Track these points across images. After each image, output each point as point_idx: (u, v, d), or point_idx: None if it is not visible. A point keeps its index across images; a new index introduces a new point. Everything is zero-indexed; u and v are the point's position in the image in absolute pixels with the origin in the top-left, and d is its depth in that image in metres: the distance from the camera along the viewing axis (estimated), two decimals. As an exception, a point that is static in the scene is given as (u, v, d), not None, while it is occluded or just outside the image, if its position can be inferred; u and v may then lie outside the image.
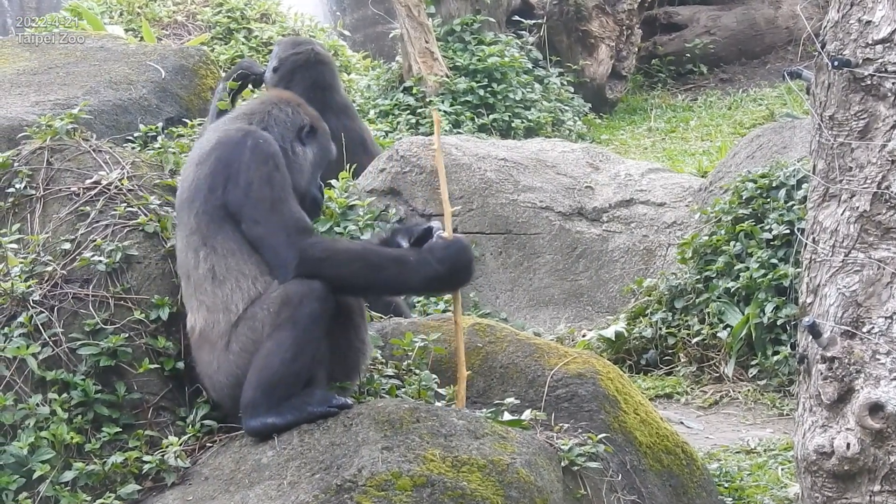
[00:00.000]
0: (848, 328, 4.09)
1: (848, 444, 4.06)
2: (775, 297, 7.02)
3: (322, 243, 4.49)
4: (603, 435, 4.69)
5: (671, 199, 8.47)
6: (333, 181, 7.60)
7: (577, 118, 12.15)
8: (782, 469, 5.96)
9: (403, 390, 4.83)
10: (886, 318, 4.05)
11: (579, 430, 4.73)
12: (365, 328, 4.68)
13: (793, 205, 7.26)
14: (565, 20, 12.90)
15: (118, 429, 4.53)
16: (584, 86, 12.83)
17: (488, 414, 4.69)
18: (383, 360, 4.97)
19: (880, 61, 4.08)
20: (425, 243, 4.56)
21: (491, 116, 11.30)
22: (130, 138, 7.19)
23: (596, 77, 12.97)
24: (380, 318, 5.37)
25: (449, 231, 4.62)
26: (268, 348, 4.38)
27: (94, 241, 4.82)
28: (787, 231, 7.13)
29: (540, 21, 12.77)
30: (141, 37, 10.94)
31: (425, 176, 8.14)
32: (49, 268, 4.77)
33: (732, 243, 7.33)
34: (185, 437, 4.50)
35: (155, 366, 4.64)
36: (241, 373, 4.46)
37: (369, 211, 8.02)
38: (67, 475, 4.38)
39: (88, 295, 4.72)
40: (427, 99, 11.17)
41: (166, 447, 4.42)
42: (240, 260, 4.51)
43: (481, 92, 11.38)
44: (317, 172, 4.85)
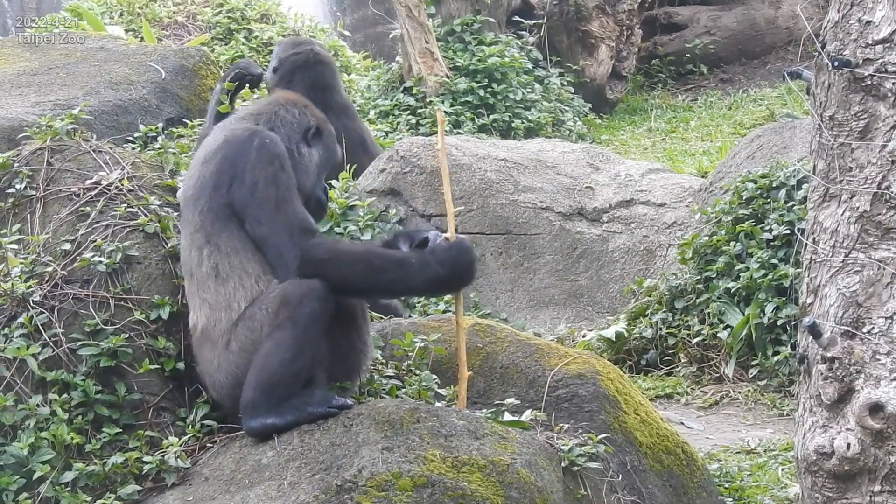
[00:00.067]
0: (848, 328, 4.09)
1: (848, 445, 4.06)
2: (775, 298, 7.02)
3: (325, 244, 4.49)
4: (603, 435, 4.69)
5: (671, 200, 8.47)
6: (334, 182, 7.61)
7: (578, 118, 12.15)
8: (782, 469, 5.96)
9: (404, 391, 4.83)
10: (886, 319, 4.05)
11: (579, 431, 4.73)
12: (367, 329, 4.69)
13: (793, 205, 7.26)
14: (565, 20, 12.90)
15: (118, 429, 4.53)
16: (585, 86, 12.83)
17: (488, 414, 4.69)
18: (384, 361, 4.97)
19: (880, 61, 4.07)
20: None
21: (491, 117, 11.30)
22: (131, 139, 7.19)
23: (596, 77, 12.96)
24: (380, 319, 5.37)
25: (451, 232, 4.61)
26: (267, 349, 4.38)
27: (95, 242, 4.82)
28: (788, 231, 7.13)
29: (540, 21, 12.77)
30: (141, 37, 10.93)
31: (426, 176, 8.14)
32: (49, 268, 4.77)
33: (733, 243, 7.33)
34: (186, 438, 4.50)
35: (155, 366, 4.64)
36: (241, 372, 4.46)
37: (369, 211, 8.02)
38: (68, 476, 4.38)
39: (89, 295, 4.72)
40: (427, 99, 11.16)
41: (166, 448, 4.42)
42: (243, 258, 4.51)
43: (481, 92, 11.37)
44: (322, 174, 4.86)
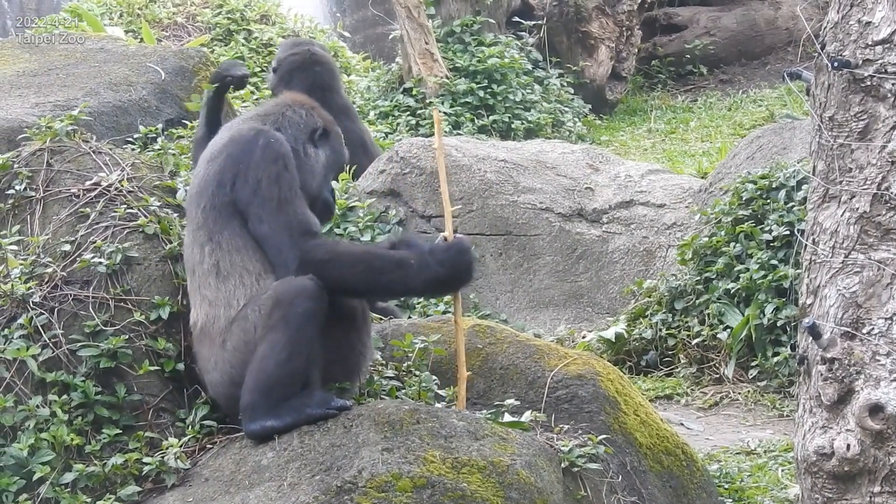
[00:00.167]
0: (848, 329, 4.09)
1: (848, 446, 4.06)
2: (775, 299, 7.02)
3: (325, 245, 4.49)
4: (603, 436, 4.69)
5: (671, 201, 8.47)
6: (333, 183, 7.60)
7: (577, 119, 12.15)
8: (782, 470, 5.96)
9: (403, 391, 4.83)
10: (886, 320, 4.05)
11: (579, 432, 4.73)
12: (367, 331, 4.68)
13: (793, 206, 7.26)
14: (565, 21, 12.90)
15: (118, 430, 4.53)
16: (584, 87, 12.83)
17: (488, 415, 4.69)
18: (383, 362, 4.97)
19: (880, 62, 4.07)
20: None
21: (491, 118, 11.30)
22: (130, 140, 7.19)
23: (596, 78, 12.97)
24: (379, 320, 5.37)
25: (449, 232, 4.61)
26: (262, 351, 4.38)
27: (94, 243, 4.81)
28: (787, 232, 7.13)
29: (540, 22, 12.77)
30: (141, 38, 10.93)
31: (425, 177, 8.14)
32: (49, 269, 4.77)
33: (732, 244, 7.33)
34: (186, 439, 4.50)
35: (155, 367, 4.63)
36: (235, 372, 4.46)
37: (369, 212, 8.03)
38: (67, 477, 4.38)
39: (88, 296, 4.72)
40: (427, 100, 11.16)
41: (166, 449, 4.42)
42: (244, 256, 4.51)
43: (481, 93, 11.37)
44: (329, 175, 4.86)
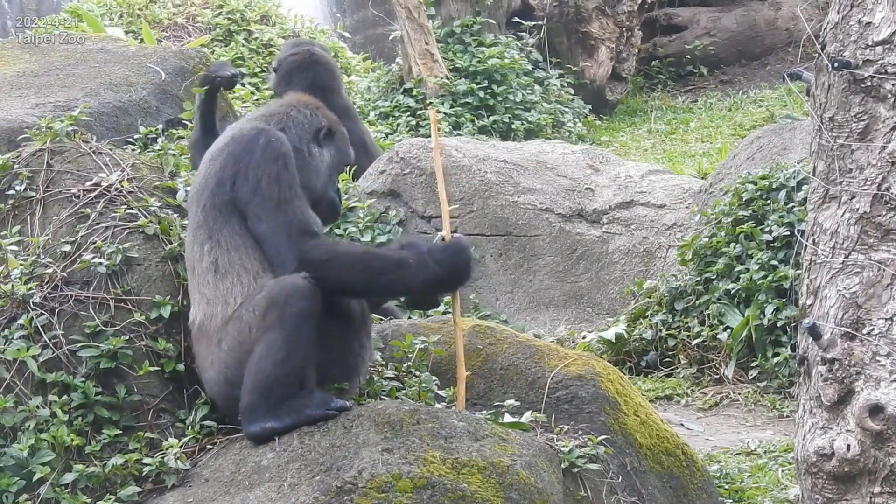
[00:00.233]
0: (848, 330, 4.09)
1: (848, 446, 4.06)
2: (775, 299, 7.02)
3: (323, 246, 4.49)
4: (603, 437, 4.69)
5: (671, 201, 8.47)
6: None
7: (578, 120, 12.16)
8: (782, 471, 5.96)
9: (403, 392, 4.83)
10: (886, 320, 4.05)
11: (579, 432, 4.73)
12: (366, 331, 4.67)
13: (793, 206, 7.26)
14: (565, 22, 12.90)
15: (118, 431, 4.53)
16: (584, 87, 12.83)
17: (488, 416, 4.69)
18: (383, 362, 4.97)
19: (880, 63, 4.07)
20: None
21: (491, 118, 11.30)
22: (130, 140, 7.19)
23: (596, 79, 12.97)
24: (379, 320, 5.37)
25: (447, 231, 4.62)
26: (259, 352, 4.37)
27: (95, 243, 4.81)
28: (788, 233, 7.13)
29: (540, 23, 12.77)
30: (141, 39, 10.94)
31: (425, 178, 8.14)
32: (49, 270, 4.77)
33: (732, 245, 7.33)
34: (186, 439, 4.50)
35: (155, 368, 4.63)
36: (230, 371, 4.46)
37: (369, 213, 8.03)
38: (68, 477, 4.38)
39: (89, 297, 4.71)
40: (427, 101, 11.16)
41: (166, 449, 4.42)
42: (243, 255, 4.51)
43: (481, 94, 11.37)
44: (334, 175, 4.85)
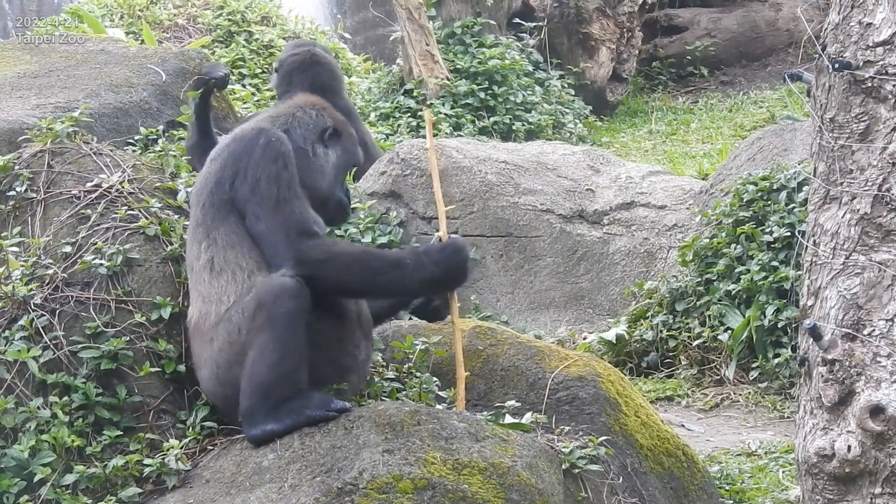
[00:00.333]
0: (849, 331, 4.09)
1: (849, 447, 4.06)
2: (776, 300, 7.02)
3: (321, 246, 4.48)
4: (604, 437, 4.69)
5: (672, 202, 8.47)
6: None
7: (578, 121, 12.15)
8: (783, 471, 5.96)
9: (404, 393, 4.83)
10: (887, 321, 4.05)
11: (580, 433, 4.73)
12: (363, 332, 4.64)
13: (793, 207, 7.26)
14: (566, 22, 12.90)
15: (119, 432, 4.53)
16: (585, 88, 12.83)
17: (489, 416, 4.69)
18: (384, 363, 4.97)
19: (881, 63, 4.08)
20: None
21: (492, 119, 11.30)
22: (131, 141, 7.19)
23: (596, 79, 12.97)
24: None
25: (444, 231, 4.63)
26: (253, 355, 4.37)
27: (95, 245, 4.82)
28: (788, 233, 7.13)
29: (540, 23, 12.77)
30: (142, 40, 10.93)
31: (426, 179, 8.14)
32: (50, 271, 4.77)
33: (733, 246, 7.33)
34: (186, 440, 4.50)
35: (156, 369, 4.63)
36: (221, 371, 4.47)
37: (370, 214, 8.03)
38: (68, 478, 4.38)
39: (89, 298, 4.72)
40: (427, 101, 11.16)
41: (167, 450, 4.42)
42: (239, 253, 4.51)
43: (482, 94, 11.37)
44: (341, 176, 4.84)
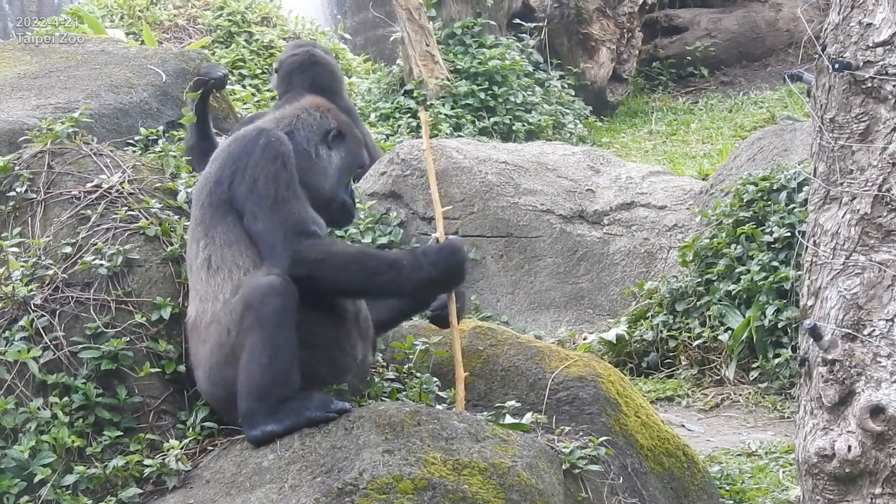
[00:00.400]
0: (849, 331, 4.09)
1: (849, 447, 4.06)
2: (776, 300, 7.02)
3: (318, 245, 4.48)
4: (604, 438, 4.69)
5: (672, 202, 8.47)
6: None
7: (578, 121, 12.15)
8: (783, 472, 5.96)
9: (404, 393, 4.83)
10: (887, 321, 4.05)
11: (580, 433, 4.73)
12: (360, 332, 4.63)
13: (794, 207, 7.26)
14: (566, 23, 12.90)
15: (119, 432, 4.53)
16: (585, 89, 12.83)
17: (489, 417, 4.69)
18: (384, 364, 4.97)
19: (881, 64, 4.08)
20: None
21: (492, 119, 11.30)
22: (131, 142, 7.20)
23: (597, 80, 12.97)
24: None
25: (441, 232, 4.63)
26: (245, 358, 4.36)
27: (95, 245, 4.82)
28: (788, 234, 7.13)
29: (540, 24, 12.77)
30: (142, 40, 10.93)
31: (426, 179, 8.13)
32: (50, 271, 4.77)
33: (733, 246, 7.33)
34: (186, 441, 4.50)
35: (156, 369, 4.63)
36: (213, 372, 4.48)
37: (370, 214, 8.03)
38: (68, 479, 4.38)
39: (89, 298, 4.72)
40: (427, 102, 11.16)
41: (167, 451, 4.42)
42: (236, 252, 4.51)
43: (482, 95, 11.37)
44: (345, 177, 4.83)
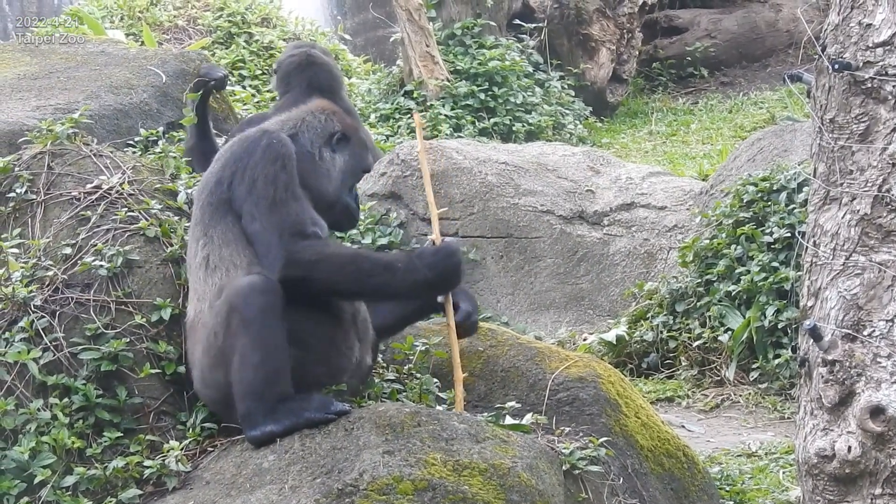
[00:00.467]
0: (849, 331, 4.09)
1: (849, 448, 4.06)
2: (776, 301, 7.02)
3: (313, 247, 4.46)
4: (604, 438, 4.69)
5: (672, 203, 8.47)
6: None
7: (578, 122, 12.16)
8: (783, 472, 5.96)
9: (404, 394, 4.83)
10: (887, 322, 4.05)
11: (580, 434, 4.73)
12: (358, 333, 4.62)
13: (794, 208, 7.26)
14: (566, 24, 12.91)
15: (119, 433, 4.53)
16: (585, 89, 12.83)
17: (489, 418, 4.69)
18: (384, 364, 4.97)
19: (881, 64, 4.08)
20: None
21: (492, 120, 11.30)
22: (131, 143, 7.19)
23: (597, 80, 12.97)
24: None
25: (436, 234, 4.63)
26: (236, 361, 4.35)
27: (95, 246, 4.82)
28: (788, 234, 7.14)
29: (540, 25, 12.78)
30: (142, 41, 10.93)
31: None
32: (50, 272, 4.77)
33: (733, 247, 7.33)
34: (187, 442, 4.50)
35: (156, 370, 4.63)
36: (205, 373, 4.48)
37: (370, 215, 8.03)
38: (69, 480, 4.38)
39: (89, 300, 4.71)
40: (427, 103, 11.16)
41: (167, 452, 4.42)
42: (234, 251, 4.51)
43: (482, 96, 11.38)
44: (349, 181, 4.82)
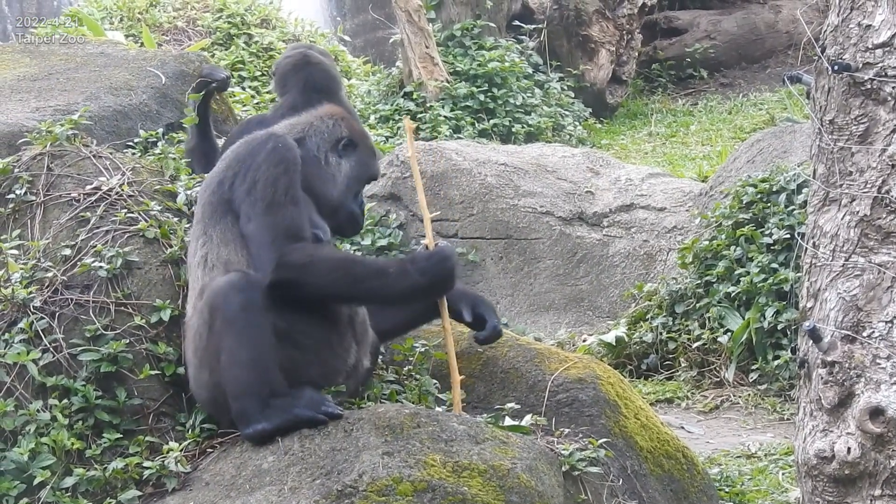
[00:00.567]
0: (848, 332, 4.09)
1: (848, 449, 4.06)
2: (776, 302, 7.02)
3: (304, 249, 4.44)
4: (604, 440, 4.69)
5: (671, 204, 8.47)
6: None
7: (578, 123, 12.16)
8: (783, 473, 5.96)
9: (404, 395, 4.83)
10: (887, 323, 4.05)
11: (580, 435, 4.73)
12: (354, 335, 4.61)
13: (793, 209, 7.26)
14: (565, 25, 12.91)
15: (119, 434, 4.53)
16: (585, 90, 12.84)
17: (489, 419, 4.69)
18: (384, 366, 4.97)
19: (880, 65, 4.08)
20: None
21: (491, 121, 11.30)
22: (131, 144, 7.18)
23: (596, 82, 12.97)
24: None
25: (429, 239, 4.62)
26: (224, 361, 4.35)
27: (95, 247, 4.82)
28: (788, 235, 7.14)
29: (540, 26, 12.78)
30: (141, 42, 10.92)
31: (425, 181, 8.14)
32: (49, 274, 4.77)
33: (733, 248, 7.33)
34: (186, 443, 4.50)
35: (155, 371, 4.63)
36: (196, 373, 4.48)
37: (370, 216, 8.03)
38: (68, 481, 4.38)
39: (89, 301, 4.71)
40: (427, 104, 11.16)
41: (167, 453, 4.42)
42: (232, 251, 4.51)
43: (482, 97, 11.38)
44: (354, 186, 4.81)
